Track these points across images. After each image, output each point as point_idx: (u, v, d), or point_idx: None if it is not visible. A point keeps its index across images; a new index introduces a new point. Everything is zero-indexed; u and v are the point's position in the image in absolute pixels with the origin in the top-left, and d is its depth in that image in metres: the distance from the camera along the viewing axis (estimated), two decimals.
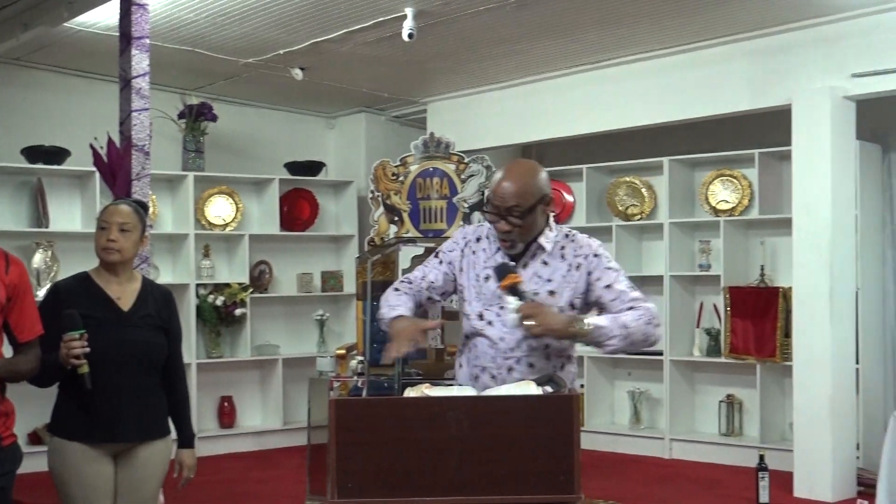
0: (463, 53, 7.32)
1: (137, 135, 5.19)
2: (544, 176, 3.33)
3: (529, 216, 3.23)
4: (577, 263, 3.31)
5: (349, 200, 8.93)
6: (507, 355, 3.25)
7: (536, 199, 3.23)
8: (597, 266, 3.31)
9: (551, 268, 3.31)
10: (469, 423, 2.66)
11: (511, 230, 3.23)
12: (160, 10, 6.04)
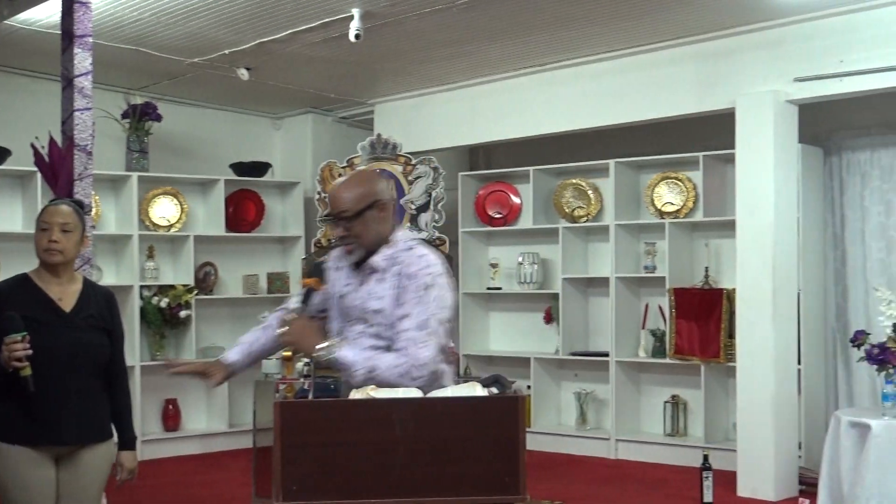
0: (410, 55, 7.31)
1: (80, 134, 5.11)
2: (380, 183, 3.35)
3: (359, 220, 3.24)
4: (399, 281, 3.23)
5: (296, 201, 8.88)
6: (336, 369, 3.26)
7: (366, 204, 3.24)
8: (407, 288, 3.21)
9: (385, 284, 3.25)
10: (414, 425, 2.66)
11: (345, 235, 3.27)
12: (103, 9, 5.97)
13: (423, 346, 3.13)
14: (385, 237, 3.30)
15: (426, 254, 3.30)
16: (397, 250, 3.29)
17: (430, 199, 8.01)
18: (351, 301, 3.30)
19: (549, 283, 8.31)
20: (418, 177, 8.07)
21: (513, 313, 8.67)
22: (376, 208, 3.26)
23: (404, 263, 3.25)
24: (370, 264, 3.27)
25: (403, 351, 3.12)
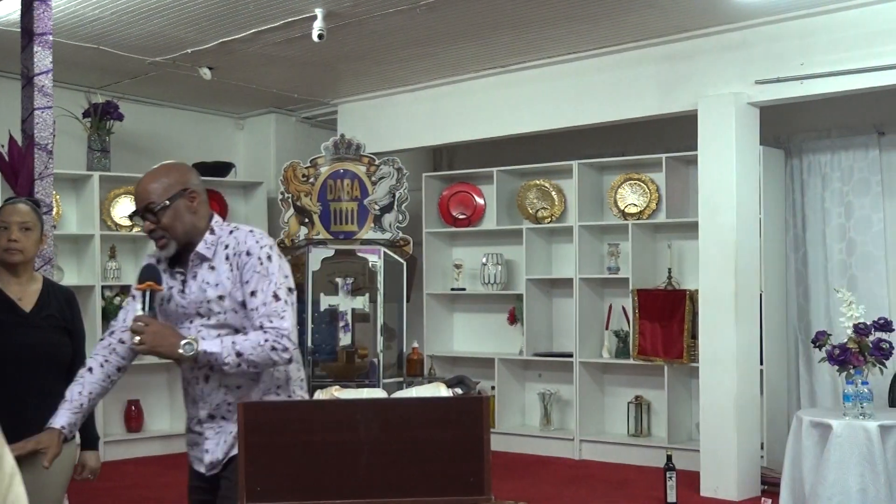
0: (373, 55, 7.29)
1: (40, 133, 5.06)
2: (184, 171, 3.21)
3: (167, 212, 3.09)
4: (235, 262, 3.11)
5: (259, 202, 8.84)
6: (200, 364, 3.08)
7: (173, 194, 3.10)
8: (246, 266, 3.09)
9: (217, 272, 3.13)
10: (378, 426, 2.65)
11: (154, 229, 3.11)
12: (63, 6, 5.91)
13: (281, 317, 3.03)
14: (200, 228, 3.16)
15: (253, 230, 3.20)
16: (220, 236, 3.17)
17: (393, 199, 8.00)
18: (181, 300, 3.16)
19: (513, 283, 8.32)
20: (382, 177, 8.06)
21: (477, 314, 8.68)
22: (186, 197, 3.12)
23: (234, 244, 3.13)
24: (197, 254, 3.14)
25: (264, 326, 3.01)
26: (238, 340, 3.01)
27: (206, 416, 3.19)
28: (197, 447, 3.27)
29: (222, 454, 3.19)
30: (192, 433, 3.28)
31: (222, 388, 3.15)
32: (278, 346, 3.00)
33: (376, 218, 8.01)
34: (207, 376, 3.15)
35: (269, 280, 3.07)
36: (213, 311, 3.12)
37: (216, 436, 3.19)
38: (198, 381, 3.18)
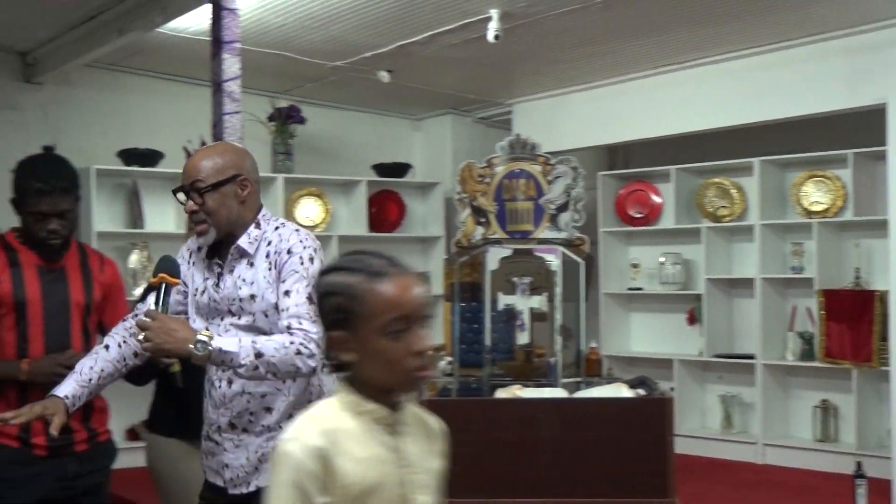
0: (548, 54, 7.28)
1: (229, 137, 5.25)
2: (241, 156, 3.00)
3: (214, 195, 2.86)
4: (274, 260, 2.89)
5: (436, 202, 8.95)
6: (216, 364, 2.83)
7: (224, 177, 2.87)
8: (286, 264, 2.87)
9: (255, 269, 2.91)
10: (560, 425, 2.65)
11: (196, 210, 2.88)
12: (250, 15, 6.11)
13: (312, 320, 2.78)
14: (246, 220, 2.94)
15: (299, 229, 2.97)
16: (265, 231, 2.95)
17: (569, 198, 7.95)
18: (214, 294, 2.97)
19: (692, 283, 8.17)
20: (557, 177, 8.01)
21: (654, 314, 8.56)
22: (237, 184, 2.90)
23: (276, 241, 2.91)
24: (238, 248, 2.93)
25: (291, 328, 2.79)
26: (259, 340, 2.76)
27: (227, 425, 2.97)
28: (213, 457, 3.05)
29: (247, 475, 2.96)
30: (210, 441, 3.05)
31: (246, 394, 2.93)
32: (304, 351, 2.76)
33: (552, 217, 7.97)
34: (231, 380, 2.93)
35: (307, 282, 2.82)
36: (244, 310, 2.92)
37: (236, 449, 2.97)
38: (221, 384, 2.97)
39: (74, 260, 3.46)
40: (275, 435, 2.87)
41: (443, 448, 2.13)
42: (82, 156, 6.80)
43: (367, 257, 1.98)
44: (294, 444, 1.87)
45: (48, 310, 3.34)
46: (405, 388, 1.97)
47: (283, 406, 2.92)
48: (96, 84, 7.57)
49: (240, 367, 2.72)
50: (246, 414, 2.93)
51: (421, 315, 1.95)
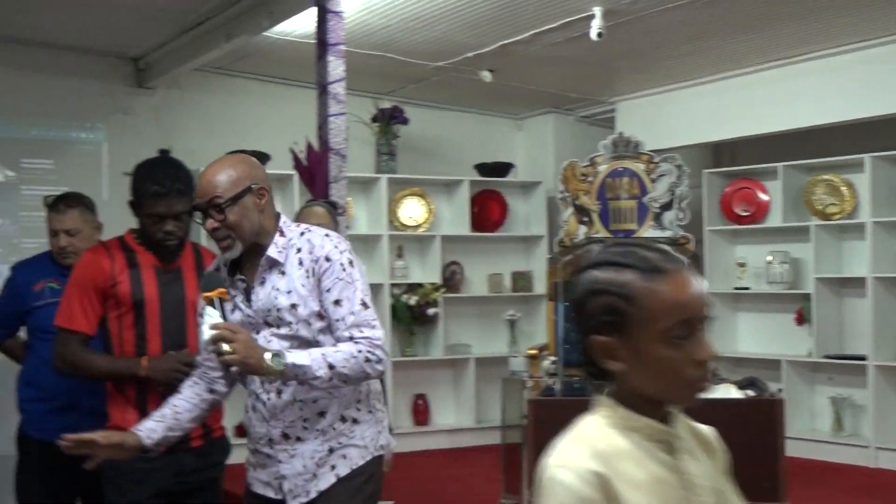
0: (652, 52, 7.21)
1: (334, 139, 5.33)
2: (253, 165, 2.94)
3: (234, 208, 2.81)
4: (311, 268, 2.85)
5: (538, 201, 8.93)
6: (272, 378, 2.83)
7: (242, 189, 2.82)
8: (327, 272, 2.84)
9: (289, 277, 2.87)
10: None
11: (218, 227, 2.83)
12: (354, 17, 6.18)
13: (373, 326, 2.83)
14: (268, 229, 2.91)
15: (329, 234, 2.94)
16: (290, 238, 2.92)
17: (673, 197, 7.87)
18: (246, 309, 2.92)
19: (800, 282, 8.01)
20: (661, 175, 7.95)
21: (761, 314, 8.41)
22: (255, 194, 2.86)
23: (307, 247, 2.88)
24: (268, 259, 2.88)
25: (354, 337, 2.80)
26: (328, 352, 2.77)
27: (280, 436, 2.92)
28: (263, 469, 3.00)
29: (305, 483, 2.93)
30: (259, 454, 2.99)
31: (297, 402, 2.90)
32: (372, 358, 2.81)
33: (656, 216, 7.90)
34: (280, 391, 2.90)
35: (354, 287, 2.85)
36: (283, 319, 2.88)
37: (291, 459, 2.93)
38: (269, 396, 2.92)
39: (189, 261, 3.54)
40: (329, 437, 2.91)
41: (726, 462, 1.91)
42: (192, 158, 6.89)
43: (638, 250, 1.71)
44: (566, 472, 1.63)
45: (165, 309, 3.43)
46: (682, 400, 1.74)
47: (335, 408, 2.92)
48: (205, 88, 7.75)
49: (314, 380, 2.74)
50: (299, 422, 2.90)
51: (704, 318, 1.69)
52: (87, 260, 3.44)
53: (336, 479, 2.89)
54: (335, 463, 2.91)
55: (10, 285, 4.31)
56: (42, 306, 4.11)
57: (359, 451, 2.94)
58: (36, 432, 4.09)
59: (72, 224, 4.17)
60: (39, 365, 4.05)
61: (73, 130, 7.28)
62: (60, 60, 7.12)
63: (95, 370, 3.41)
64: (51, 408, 4.05)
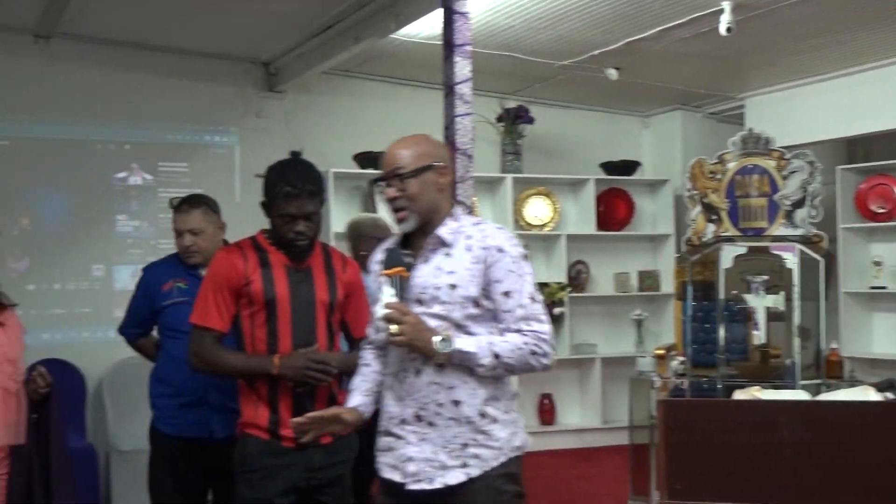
0: (782, 46, 7.05)
1: (461, 139, 5.36)
2: (437, 145, 3.07)
3: (415, 181, 2.93)
4: (482, 255, 2.91)
5: (665, 199, 8.84)
6: (413, 356, 2.92)
7: (424, 164, 2.94)
8: (498, 263, 2.90)
9: (454, 259, 2.94)
10: (803, 428, 2.57)
11: (398, 196, 2.94)
12: (479, 18, 6.20)
13: (541, 320, 2.90)
14: (443, 211, 3.00)
15: (502, 227, 3.01)
16: (462, 224, 2.99)
17: (805, 194, 7.68)
18: (408, 283, 2.96)
19: None
20: (793, 171, 7.76)
21: None
22: (436, 172, 2.97)
23: (479, 236, 2.94)
24: (437, 238, 2.96)
25: (522, 330, 2.87)
26: (495, 342, 2.86)
27: (413, 417, 2.96)
28: (392, 452, 3.03)
29: (431, 470, 2.95)
30: (390, 436, 3.04)
31: (434, 385, 2.93)
32: (538, 351, 2.87)
33: (787, 214, 7.73)
34: (419, 370, 2.94)
35: (525, 280, 2.92)
36: (439, 299, 2.93)
37: (421, 443, 2.96)
38: (407, 375, 2.97)
39: (319, 260, 3.61)
40: (463, 431, 2.91)
41: None
42: (321, 160, 7.02)
43: None
44: None
45: (295, 308, 3.49)
46: None
47: (471, 400, 2.92)
48: (333, 90, 7.88)
49: (479, 367, 2.81)
50: (433, 405, 2.92)
51: None
52: (222, 259, 3.52)
53: (466, 477, 2.90)
54: (467, 461, 2.91)
55: (142, 286, 4.44)
56: (170, 305, 4.23)
57: (492, 452, 2.95)
58: (167, 427, 4.22)
59: (195, 224, 4.28)
60: (169, 362, 4.19)
61: (207, 134, 7.49)
62: (195, 66, 7.34)
63: (230, 367, 3.50)
64: (181, 403, 4.17)
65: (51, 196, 6.96)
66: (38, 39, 6.57)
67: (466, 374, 2.89)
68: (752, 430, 2.58)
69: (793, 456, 2.54)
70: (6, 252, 6.72)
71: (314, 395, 3.49)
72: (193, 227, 4.28)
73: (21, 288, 6.62)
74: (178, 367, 3.97)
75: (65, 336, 6.76)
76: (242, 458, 3.49)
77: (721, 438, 2.61)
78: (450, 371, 2.87)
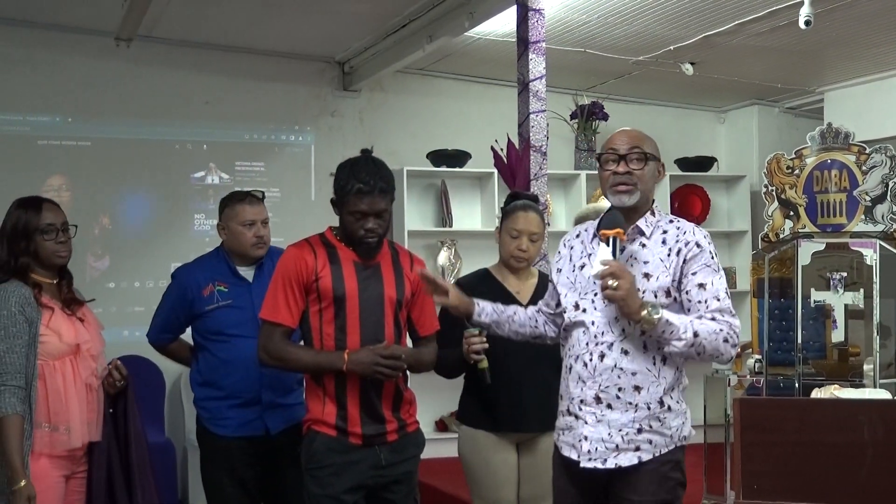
0: (863, 38, 6.93)
1: (535, 136, 5.37)
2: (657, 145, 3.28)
3: (646, 164, 3.15)
4: (678, 249, 3.11)
5: (741, 195, 8.72)
6: (599, 340, 3.11)
7: (655, 154, 3.19)
8: (695, 258, 3.10)
9: (649, 250, 3.14)
10: (884, 428, 2.53)
11: (630, 171, 3.12)
12: (553, 14, 6.18)
13: (733, 314, 3.09)
14: (649, 203, 3.22)
15: (698, 226, 3.20)
16: (659, 220, 3.20)
17: (886, 189, 7.54)
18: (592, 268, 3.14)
19: None
20: (873, 166, 7.62)
21: None
22: (658, 166, 3.22)
23: (675, 232, 3.14)
24: (637, 228, 3.17)
25: (716, 319, 3.04)
26: (695, 321, 3.00)
27: (593, 398, 3.12)
28: (569, 432, 3.21)
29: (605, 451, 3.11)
30: (568, 416, 3.21)
31: (617, 369, 3.09)
32: (730, 340, 3.03)
33: (867, 209, 7.59)
34: (603, 354, 3.11)
35: (720, 276, 3.12)
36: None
37: (598, 424, 3.12)
38: (591, 358, 3.13)
39: (387, 257, 3.63)
40: (641, 416, 3.07)
41: None
42: (394, 158, 7.14)
43: None
44: None
45: (364, 304, 3.52)
46: None
47: (652, 388, 3.08)
48: (407, 89, 7.91)
49: (678, 341, 2.97)
50: (613, 389, 3.07)
51: None
52: (292, 255, 3.56)
53: (638, 461, 3.07)
54: (640, 445, 3.08)
55: (176, 290, 4.37)
56: (214, 310, 4.22)
57: (664, 439, 3.10)
58: (219, 429, 4.23)
59: (266, 214, 4.35)
60: (219, 366, 4.19)
61: (283, 133, 7.57)
62: (271, 66, 7.44)
63: (300, 363, 3.53)
64: (233, 405, 4.18)
65: (131, 196, 7.10)
66: (119, 42, 6.69)
67: (650, 362, 3.07)
68: (831, 429, 2.54)
69: (872, 456, 2.50)
70: (88, 251, 6.88)
71: (381, 391, 3.52)
72: (266, 217, 4.33)
73: (102, 286, 6.78)
74: (227, 370, 4.02)
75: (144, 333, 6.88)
76: (310, 454, 3.52)
77: (798, 438, 2.58)
78: (634, 357, 3.06)
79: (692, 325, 2.99)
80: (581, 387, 3.14)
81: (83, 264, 6.80)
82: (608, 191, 3.18)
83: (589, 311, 3.16)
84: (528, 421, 3.94)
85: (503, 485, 3.94)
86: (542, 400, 3.90)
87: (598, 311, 3.13)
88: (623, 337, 3.10)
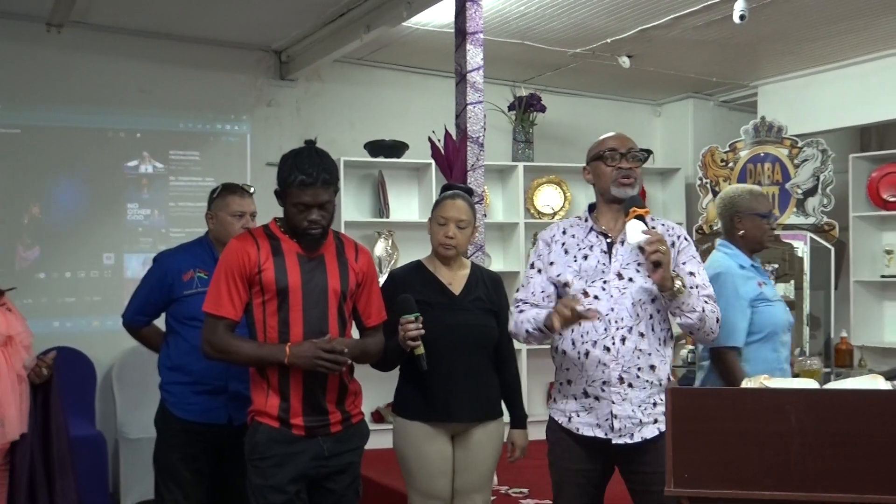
0: (796, 33, 7.02)
1: (472, 127, 5.37)
2: None
3: (640, 165, 3.58)
4: (671, 241, 3.47)
5: (676, 188, 8.81)
6: (619, 325, 3.38)
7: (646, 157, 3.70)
8: (685, 250, 3.51)
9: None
10: (812, 417, 2.56)
11: (632, 168, 3.52)
12: (491, 5, 6.19)
13: (716, 300, 3.48)
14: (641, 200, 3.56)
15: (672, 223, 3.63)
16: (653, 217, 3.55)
17: (817, 182, 7.68)
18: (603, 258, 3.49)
19: None
20: (805, 160, 7.77)
21: None
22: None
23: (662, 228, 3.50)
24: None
25: (709, 302, 3.42)
26: (700, 300, 3.37)
27: (616, 379, 3.39)
28: (592, 413, 3.46)
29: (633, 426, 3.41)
30: (588, 398, 3.46)
31: (637, 350, 3.39)
32: (718, 322, 3.43)
33: (799, 202, 7.72)
34: (624, 338, 3.39)
35: (702, 267, 3.53)
36: (639, 272, 3.43)
37: (623, 402, 3.40)
38: (613, 342, 3.39)
39: (332, 249, 3.61)
40: (655, 391, 3.40)
41: None
42: (332, 148, 7.01)
43: None
44: None
45: (307, 296, 3.50)
46: None
47: (662, 365, 3.43)
48: (344, 79, 7.87)
49: (692, 313, 3.34)
50: (634, 369, 3.38)
51: None
52: (235, 247, 3.53)
53: (658, 432, 3.37)
54: (658, 417, 3.39)
55: (158, 275, 4.41)
56: (191, 295, 4.25)
57: None
58: (182, 413, 4.25)
59: (254, 208, 4.40)
60: (188, 350, 4.19)
61: (219, 122, 7.49)
62: (206, 55, 7.35)
63: (242, 355, 3.50)
64: (199, 391, 4.20)
65: (62, 184, 6.98)
66: (50, 28, 6.58)
67: (658, 343, 3.43)
68: (760, 418, 2.57)
69: (802, 444, 2.53)
70: (17, 241, 6.75)
71: (325, 383, 3.50)
72: (254, 210, 4.41)
73: (32, 276, 6.66)
74: (197, 355, 3.98)
75: (75, 324, 6.78)
76: (253, 445, 3.50)
77: (729, 427, 2.60)
78: (648, 339, 3.39)
79: (702, 299, 3.37)
80: (602, 369, 3.40)
81: (13, 254, 6.68)
82: (612, 184, 3.51)
83: (602, 298, 3.42)
84: (460, 412, 3.94)
85: (438, 476, 3.94)
86: (474, 390, 3.92)
87: (612, 297, 3.41)
88: (639, 321, 3.40)
